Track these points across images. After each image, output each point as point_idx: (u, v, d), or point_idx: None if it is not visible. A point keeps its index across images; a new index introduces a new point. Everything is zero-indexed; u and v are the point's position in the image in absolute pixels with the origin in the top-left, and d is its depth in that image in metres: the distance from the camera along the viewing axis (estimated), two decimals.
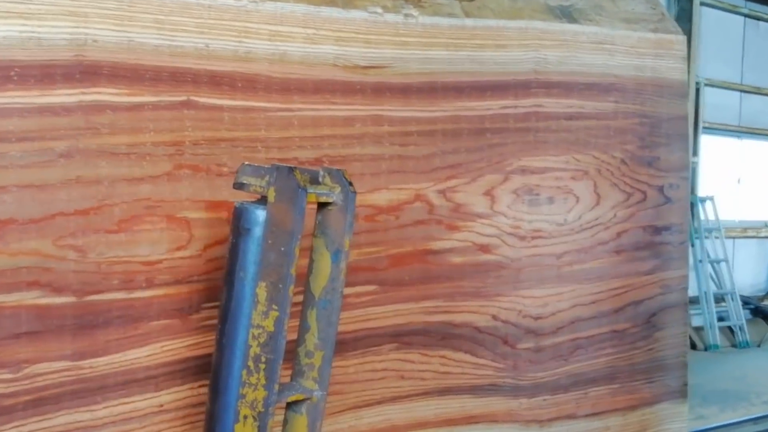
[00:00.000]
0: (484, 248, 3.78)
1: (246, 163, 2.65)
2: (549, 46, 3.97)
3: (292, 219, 2.48)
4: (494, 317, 3.82)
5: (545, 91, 3.95)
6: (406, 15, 3.53)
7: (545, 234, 3.98)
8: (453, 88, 3.66)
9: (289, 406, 2.72)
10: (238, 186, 2.62)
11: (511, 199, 3.86)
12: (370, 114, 3.44)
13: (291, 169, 2.51)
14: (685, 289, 4.56)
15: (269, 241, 2.52)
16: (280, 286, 2.48)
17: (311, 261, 2.72)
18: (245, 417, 2.54)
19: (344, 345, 3.40)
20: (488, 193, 3.79)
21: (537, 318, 3.97)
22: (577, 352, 4.11)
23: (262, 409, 2.52)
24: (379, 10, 3.44)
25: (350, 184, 2.66)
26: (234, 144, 3.06)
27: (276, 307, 2.50)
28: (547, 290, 4.00)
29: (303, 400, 2.69)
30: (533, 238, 3.94)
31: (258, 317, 2.52)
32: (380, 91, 3.46)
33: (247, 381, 2.54)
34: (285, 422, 2.74)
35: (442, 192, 3.65)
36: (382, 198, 3.46)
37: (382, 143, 3.47)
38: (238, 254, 2.59)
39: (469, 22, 3.70)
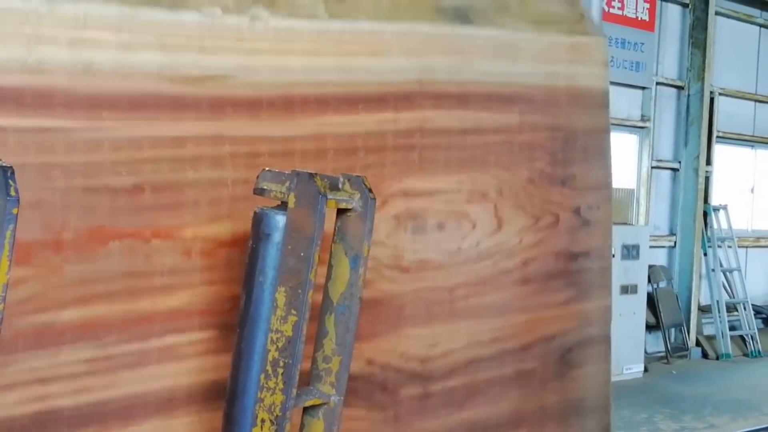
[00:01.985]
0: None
1: (266, 168, 2.57)
2: (437, 52, 3.30)
3: (312, 225, 2.43)
4: (369, 362, 3.17)
5: (433, 102, 3.28)
6: (253, 17, 2.87)
7: (434, 265, 3.32)
8: (316, 101, 3.01)
9: (306, 410, 2.63)
10: (259, 191, 2.56)
11: (391, 226, 3.20)
12: (207, 133, 2.78)
13: (311, 175, 2.44)
14: (608, 320, 3.88)
15: (289, 247, 2.46)
16: (299, 291, 2.44)
17: (330, 266, 2.62)
18: (263, 421, 2.48)
19: (174, 402, 2.75)
20: None
21: (424, 360, 3.31)
22: (475, 397, 3.45)
23: (280, 414, 2.46)
24: (218, 12, 2.77)
25: (370, 190, 2.58)
26: (22, 171, 2.39)
27: (295, 312, 2.45)
28: (436, 328, 3.35)
29: (320, 405, 2.62)
30: (419, 269, 3.28)
31: (277, 322, 2.47)
32: (220, 106, 2.81)
33: (265, 385, 2.48)
34: (302, 427, 2.64)
35: None
36: (223, 230, 2.83)
37: (223, 166, 2.81)
38: (257, 259, 2.52)
39: (335, 24, 3.04)
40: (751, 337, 13.19)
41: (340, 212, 2.59)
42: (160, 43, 2.75)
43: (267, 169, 2.56)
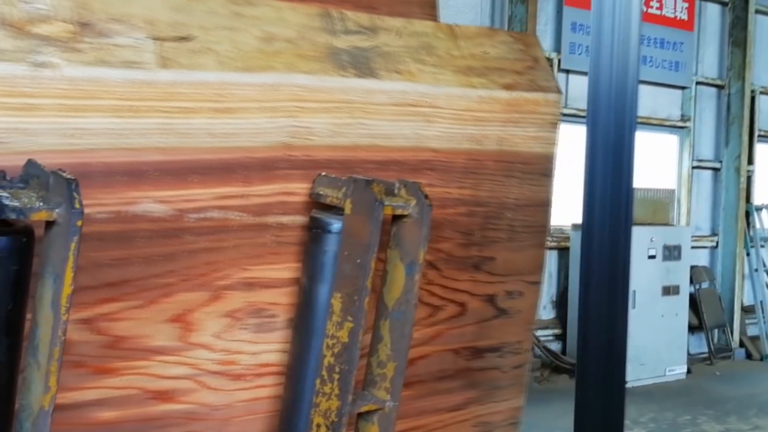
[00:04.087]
0: (163, 395, 2.33)
1: (323, 173, 2.46)
2: (317, 110, 2.44)
3: (369, 231, 2.32)
4: None
5: (303, 173, 2.41)
6: (39, 64, 2.00)
7: (282, 369, 2.49)
8: (125, 172, 2.20)
9: (361, 416, 2.50)
10: (315, 196, 2.46)
11: (223, 324, 2.40)
12: None
13: (368, 181, 2.34)
14: (517, 424, 3.03)
15: (345, 253, 2.36)
16: (356, 297, 2.34)
17: (385, 272, 2.49)
18: (318, 426, 2.38)
19: None
20: (179, 319, 2.30)
21: None
22: None
23: (336, 419, 2.36)
24: None
25: (426, 197, 2.43)
26: None
27: (351, 319, 2.35)
28: None
29: (375, 411, 2.50)
30: (258, 375, 2.44)
31: (332, 328, 2.37)
32: None
33: (321, 390, 2.38)
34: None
35: (88, 322, 2.20)
36: None
37: None
38: (314, 264, 2.43)
39: (165, 75, 2.16)
40: None
41: (396, 218, 2.45)
42: None
43: (323, 174, 2.45)
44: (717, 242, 12.47)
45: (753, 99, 12.43)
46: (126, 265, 2.29)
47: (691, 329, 11.31)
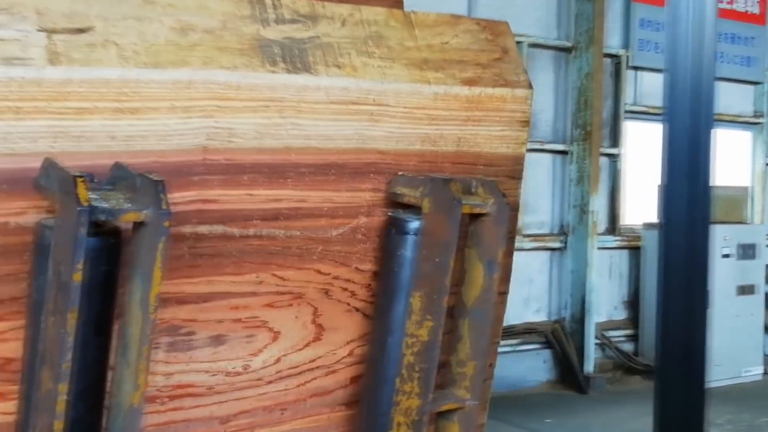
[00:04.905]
0: None
1: (400, 173, 2.38)
2: (240, 110, 2.14)
3: (448, 230, 2.24)
4: None
5: (223, 179, 2.11)
6: None
7: (201, 390, 2.22)
8: (9, 180, 1.95)
9: (441, 415, 2.42)
10: (392, 196, 2.37)
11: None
12: None
13: (446, 180, 2.27)
14: None
15: (424, 252, 2.28)
16: (435, 296, 2.26)
17: (463, 271, 2.40)
18: (399, 424, 2.31)
19: None
20: None
21: None
22: None
23: (416, 417, 2.30)
24: None
25: (504, 195, 2.35)
26: None
27: (430, 317, 2.27)
28: None
29: (455, 410, 2.42)
30: (173, 397, 2.16)
31: (412, 326, 2.28)
32: None
33: (401, 389, 2.30)
34: (436, 430, 2.44)
35: None
36: None
37: None
38: (391, 263, 2.35)
39: (54, 72, 1.88)
40: None
41: (474, 217, 2.37)
42: None
43: (401, 173, 2.39)
44: None
45: None
46: (13, 281, 2.01)
47: (767, 329, 10.80)
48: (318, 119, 2.31)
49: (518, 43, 8.22)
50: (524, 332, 8.74)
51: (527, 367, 8.65)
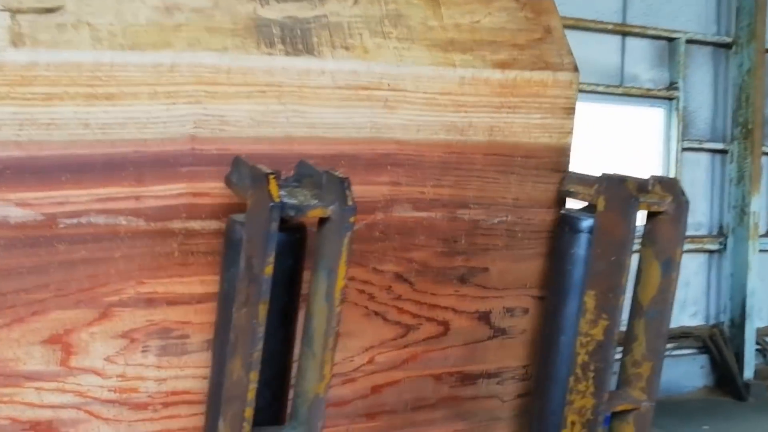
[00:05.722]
0: (42, 426, 1.89)
1: (572, 171, 2.32)
2: (232, 96, 1.92)
3: (624, 228, 2.15)
4: None
5: (215, 170, 1.91)
6: None
7: (199, 398, 2.01)
8: None
9: (616, 415, 2.33)
10: (565, 194, 2.32)
11: (117, 346, 1.93)
12: None
13: (623, 178, 2.17)
14: None
15: (598, 250, 2.19)
16: (610, 295, 2.17)
17: (639, 270, 2.30)
18: (572, 423, 2.23)
19: None
20: (56, 340, 1.84)
21: None
22: None
23: (591, 417, 2.21)
24: None
25: (683, 193, 2.24)
26: None
27: (606, 316, 2.18)
28: None
29: (630, 410, 2.32)
30: (167, 405, 1.97)
31: (586, 325, 2.20)
32: None
33: (575, 388, 2.22)
34: (610, 431, 2.34)
35: None
36: None
37: None
38: (564, 262, 2.28)
39: (17, 55, 1.72)
40: None
41: (650, 215, 2.28)
42: None
43: (573, 171, 2.32)
44: None
45: None
46: None
47: None
48: (323, 106, 2.06)
49: (675, 39, 7.73)
50: (680, 336, 8.26)
51: (683, 373, 8.17)
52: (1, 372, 1.92)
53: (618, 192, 2.18)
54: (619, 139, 7.99)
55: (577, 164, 2.40)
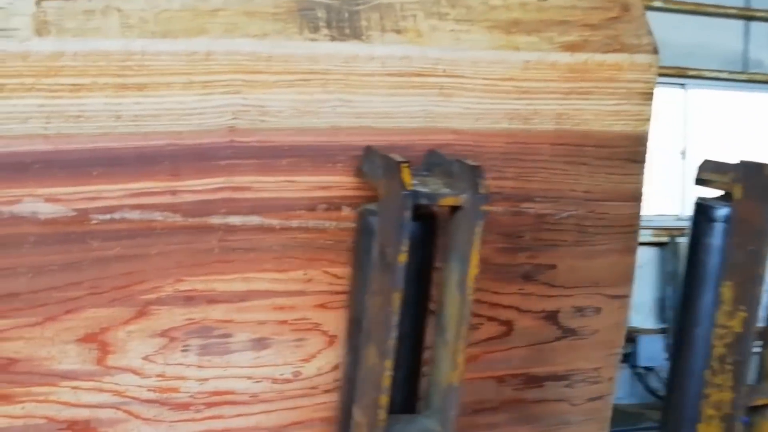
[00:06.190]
0: (79, 426, 1.81)
1: (707, 159, 2.22)
2: (273, 84, 1.80)
3: (763, 217, 2.07)
4: None
5: (256, 163, 1.78)
6: None
7: (243, 398, 1.91)
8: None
9: (755, 409, 2.26)
10: (700, 182, 2.23)
11: (156, 345, 1.85)
12: None
13: (761, 166, 2.08)
14: None
15: (736, 240, 2.12)
16: (748, 286, 2.11)
17: None
18: (710, 417, 2.17)
19: None
20: (91, 339, 1.76)
21: None
22: None
23: (729, 411, 2.15)
24: None
25: None
26: None
27: (744, 308, 2.11)
28: None
29: None
30: (209, 405, 1.87)
31: (723, 317, 2.14)
32: None
33: (711, 381, 2.16)
34: (749, 425, 2.27)
35: None
36: None
37: None
38: (698, 252, 2.20)
39: (42, 44, 1.63)
40: None
41: None
42: None
43: (708, 159, 2.23)
44: None
45: None
46: (10, 275, 1.75)
47: None
48: (372, 94, 1.91)
49: None
50: None
51: None
52: (35, 371, 1.84)
53: (756, 179, 2.09)
54: (743, 126, 7.60)
55: (704, 152, 2.21)
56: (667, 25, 6.47)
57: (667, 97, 7.45)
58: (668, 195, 7.86)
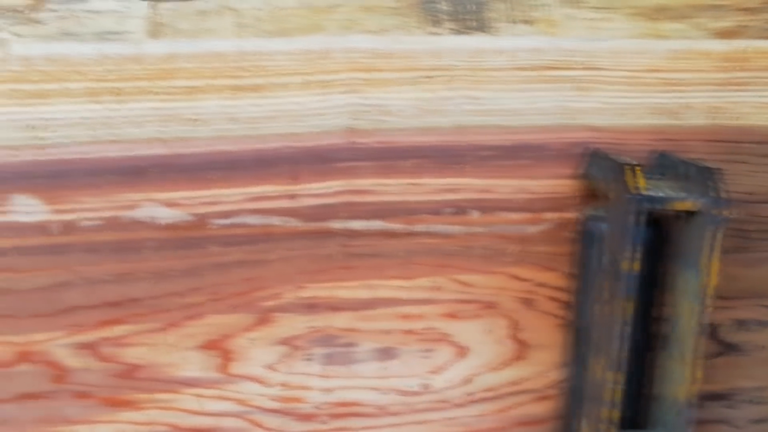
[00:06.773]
0: None
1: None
2: (394, 82, 1.71)
3: None
4: None
5: (377, 165, 1.71)
6: None
7: (370, 410, 1.83)
8: (115, 170, 1.62)
9: None
10: None
11: (278, 354, 1.78)
12: None
13: None
14: None
15: None
16: None
17: None
18: None
19: None
20: (213, 346, 1.72)
21: None
22: None
23: None
24: None
25: None
26: None
27: None
28: None
29: None
30: (336, 416, 1.81)
31: None
32: None
33: None
34: None
35: (87, 347, 1.70)
36: None
37: None
38: None
39: (157, 47, 1.60)
40: None
41: None
42: None
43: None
44: None
45: None
46: (130, 281, 1.72)
47: None
48: (501, 91, 1.76)
49: None
50: None
51: None
52: (158, 377, 1.80)
53: None
54: None
55: None
56: None
57: None
58: None
